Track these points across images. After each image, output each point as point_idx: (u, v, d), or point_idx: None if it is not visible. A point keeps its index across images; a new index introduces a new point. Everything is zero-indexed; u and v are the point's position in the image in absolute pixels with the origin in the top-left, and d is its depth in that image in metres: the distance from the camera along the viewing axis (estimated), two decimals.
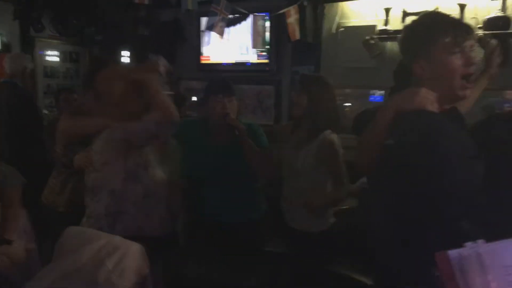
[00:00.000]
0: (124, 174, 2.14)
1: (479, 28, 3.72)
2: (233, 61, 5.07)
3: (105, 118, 2.17)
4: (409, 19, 3.96)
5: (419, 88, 1.39)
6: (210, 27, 4.08)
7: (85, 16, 5.65)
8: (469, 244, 0.73)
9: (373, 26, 4.19)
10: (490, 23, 3.64)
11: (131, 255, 1.93)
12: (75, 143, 2.56)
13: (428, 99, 1.34)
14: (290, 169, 2.68)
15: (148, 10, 5.42)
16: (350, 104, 4.56)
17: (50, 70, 5.75)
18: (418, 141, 1.23)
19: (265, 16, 4.68)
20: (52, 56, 5.78)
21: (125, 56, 5.83)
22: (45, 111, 5.20)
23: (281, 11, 4.15)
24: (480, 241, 0.75)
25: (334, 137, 2.61)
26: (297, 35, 4.25)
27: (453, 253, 0.72)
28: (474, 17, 3.75)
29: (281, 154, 2.79)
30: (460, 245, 0.74)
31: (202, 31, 5.16)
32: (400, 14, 4.02)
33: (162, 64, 3.97)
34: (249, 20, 4.75)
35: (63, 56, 5.86)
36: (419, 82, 1.44)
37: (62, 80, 5.84)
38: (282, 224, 2.78)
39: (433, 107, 1.34)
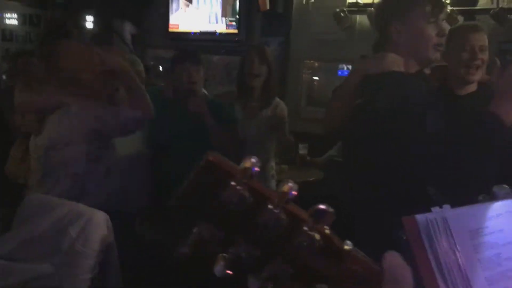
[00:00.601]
0: (86, 156, 2.11)
1: (446, 3, 3.77)
2: (202, 30, 4.97)
3: (63, 95, 2.11)
4: None
5: (386, 53, 1.46)
6: None
7: None
8: (435, 209, 0.74)
9: None
10: (458, 0, 3.69)
11: (95, 223, 1.90)
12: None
13: (395, 62, 1.41)
14: (241, 135, 2.76)
15: None
16: (317, 78, 4.57)
17: (9, 34, 5.48)
18: (386, 99, 1.26)
19: None
20: (11, 19, 5.50)
21: (88, 21, 5.62)
22: (3, 76, 4.98)
23: None
24: (445, 206, 0.76)
25: (284, 104, 2.91)
26: (267, 5, 4.19)
27: (420, 217, 0.73)
28: None
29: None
30: (426, 210, 0.75)
31: None
32: None
33: (128, 29, 3.86)
34: None
35: (22, 18, 5.59)
36: (392, 45, 1.49)
37: (22, 44, 5.58)
38: None
39: (399, 70, 1.39)
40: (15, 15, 5.53)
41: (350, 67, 4.34)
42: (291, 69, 4.53)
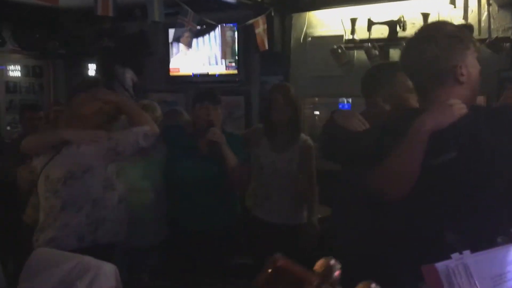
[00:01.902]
0: (104, 182, 2.26)
1: None
2: (202, 72, 5.04)
3: (66, 129, 2.33)
4: (374, 28, 4.05)
5: (448, 102, 1.39)
6: (177, 39, 4.05)
7: (47, 29, 5.52)
8: (455, 255, 0.73)
9: (340, 36, 4.24)
10: None
11: (103, 276, 1.87)
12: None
13: (462, 107, 1.37)
14: (272, 170, 2.91)
15: (113, 22, 5.33)
16: (318, 112, 4.59)
17: (13, 85, 5.57)
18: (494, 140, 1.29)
19: (233, 27, 4.68)
20: (15, 71, 5.60)
21: (91, 69, 5.71)
22: (8, 128, 5.03)
23: (249, 22, 4.15)
24: (466, 252, 0.74)
25: (311, 141, 3.01)
26: (265, 45, 4.26)
27: (440, 265, 0.71)
28: None
29: (257, 156, 2.98)
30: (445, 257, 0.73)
31: (170, 42, 5.10)
32: (366, 24, 4.08)
33: (129, 76, 3.95)
34: (217, 31, 4.74)
35: (25, 70, 5.70)
36: (456, 87, 1.45)
37: (25, 95, 5.66)
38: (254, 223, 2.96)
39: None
40: (18, 67, 5.63)
41: (350, 100, 4.37)
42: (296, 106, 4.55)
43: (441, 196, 1.19)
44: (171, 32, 4.89)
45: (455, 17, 3.72)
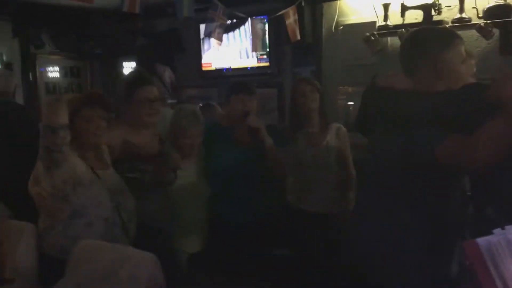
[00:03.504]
0: (52, 190, 2.13)
1: (480, 18, 3.70)
2: (235, 66, 5.06)
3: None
4: (408, 13, 3.96)
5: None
6: (208, 34, 4.07)
7: (82, 30, 5.67)
8: (497, 230, 0.71)
9: (373, 22, 4.17)
10: (490, 12, 3.62)
11: (144, 265, 1.92)
12: None
13: None
14: (311, 163, 2.92)
15: (145, 21, 5.42)
16: (353, 103, 4.53)
17: (52, 86, 5.75)
18: None
19: (264, 19, 4.67)
20: (54, 72, 5.78)
21: (127, 68, 5.83)
22: None
23: (279, 13, 4.14)
24: (508, 227, 0.72)
25: (344, 128, 3.06)
26: (297, 35, 4.23)
27: (482, 241, 0.69)
28: (474, 7, 3.73)
29: (294, 152, 2.97)
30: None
31: (202, 38, 5.15)
32: (399, 9, 4.00)
33: (168, 74, 4.01)
34: (248, 24, 4.74)
35: (64, 71, 5.87)
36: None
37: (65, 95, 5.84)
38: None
39: None
40: (57, 68, 5.81)
41: None
42: (326, 97, 4.52)
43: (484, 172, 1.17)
44: (202, 27, 4.94)
45: None
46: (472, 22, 3.71)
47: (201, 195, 2.73)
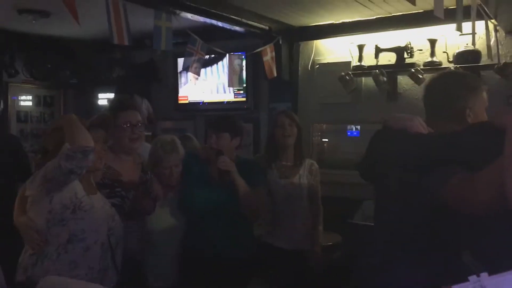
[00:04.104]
0: (48, 216, 2.05)
1: (450, 62, 3.84)
2: (211, 101, 5.08)
3: None
4: (382, 55, 4.08)
5: None
6: (186, 68, 4.08)
7: (58, 59, 5.62)
8: (473, 277, 0.70)
9: (348, 63, 4.28)
10: (460, 57, 3.76)
11: None
12: None
13: None
14: (283, 196, 2.96)
15: (123, 52, 5.42)
16: (327, 139, 4.59)
17: (24, 115, 5.64)
18: None
19: (241, 55, 4.73)
20: (26, 101, 5.69)
21: (102, 99, 5.78)
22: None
23: (257, 50, 4.20)
24: (483, 275, 0.72)
25: (317, 165, 3.15)
26: (274, 73, 4.29)
27: (457, 287, 0.68)
28: (444, 52, 3.87)
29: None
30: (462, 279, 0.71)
31: (179, 71, 5.17)
32: (373, 51, 4.11)
33: (145, 106, 3.98)
34: (226, 60, 4.79)
35: (36, 100, 5.78)
36: None
37: (36, 124, 5.73)
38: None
39: None
40: (29, 97, 5.72)
41: (358, 127, 4.36)
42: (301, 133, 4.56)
43: (459, 217, 1.17)
44: (180, 61, 4.96)
45: (461, 44, 3.75)
46: (442, 66, 3.84)
47: (176, 228, 2.68)
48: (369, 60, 4.16)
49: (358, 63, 4.17)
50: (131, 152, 2.58)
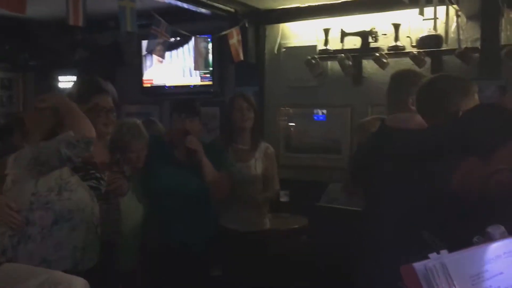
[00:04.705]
0: (32, 198, 2.00)
1: (413, 46, 3.90)
2: (177, 84, 5.01)
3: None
4: (347, 39, 4.11)
5: None
6: (150, 50, 4.01)
7: (18, 40, 5.41)
8: (433, 255, 0.72)
9: (314, 46, 4.29)
10: (424, 42, 3.82)
11: None
12: None
13: None
14: (237, 179, 2.94)
15: (86, 34, 5.26)
16: (294, 123, 4.61)
17: None
18: None
19: (207, 38, 4.67)
20: None
21: (63, 82, 5.61)
22: None
23: (223, 33, 4.16)
24: (443, 252, 0.74)
25: (272, 148, 3.17)
26: (240, 56, 4.26)
27: (418, 265, 0.70)
28: (408, 36, 3.93)
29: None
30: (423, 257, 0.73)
31: (144, 54, 5.06)
32: (339, 35, 4.14)
33: (110, 90, 3.88)
34: (191, 43, 4.72)
35: None
36: None
37: None
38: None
39: None
40: None
41: (324, 111, 4.41)
42: (267, 117, 4.57)
43: (421, 197, 1.20)
44: (145, 43, 4.86)
45: (424, 29, 3.82)
46: (406, 50, 3.91)
47: (142, 212, 2.66)
48: (334, 44, 4.18)
49: (324, 47, 4.19)
50: (104, 136, 2.53)
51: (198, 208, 2.72)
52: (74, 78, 5.35)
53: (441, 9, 3.51)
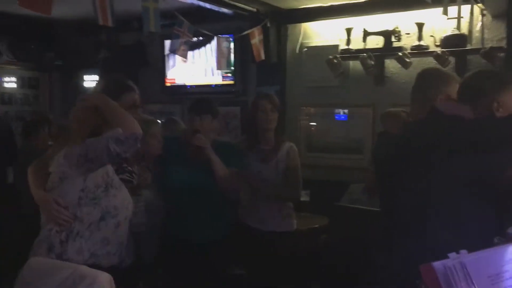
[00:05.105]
0: (81, 193, 2.04)
1: (437, 46, 3.85)
2: (199, 83, 5.05)
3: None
4: (370, 39, 4.08)
5: None
6: (173, 50, 4.05)
7: (43, 40, 5.54)
8: (452, 254, 0.72)
9: (336, 46, 4.27)
10: (448, 41, 3.77)
11: (98, 285, 1.85)
12: None
13: None
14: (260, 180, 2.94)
15: (109, 34, 5.35)
16: (315, 123, 4.60)
17: (8, 97, 5.56)
18: None
19: (229, 38, 4.70)
20: (10, 82, 5.60)
21: (88, 80, 5.72)
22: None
23: (245, 33, 4.18)
24: (463, 251, 0.74)
25: (295, 146, 3.11)
26: (261, 55, 4.28)
27: (438, 264, 0.70)
28: (432, 35, 3.88)
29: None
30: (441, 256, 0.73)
31: (166, 54, 5.12)
32: (361, 34, 4.11)
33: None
34: (214, 42, 4.76)
35: (21, 82, 5.70)
36: None
37: (21, 106, 5.66)
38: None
39: None
40: (14, 79, 5.64)
41: (346, 111, 4.39)
42: (289, 117, 4.57)
43: (441, 196, 1.19)
44: (167, 43, 4.92)
45: (448, 28, 3.77)
46: (429, 50, 3.86)
47: (159, 204, 2.71)
48: (357, 43, 4.16)
49: (346, 47, 4.17)
50: None
51: (212, 206, 2.74)
52: (98, 77, 5.46)
53: (466, 8, 3.46)
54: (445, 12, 3.02)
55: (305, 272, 3.25)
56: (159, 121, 2.90)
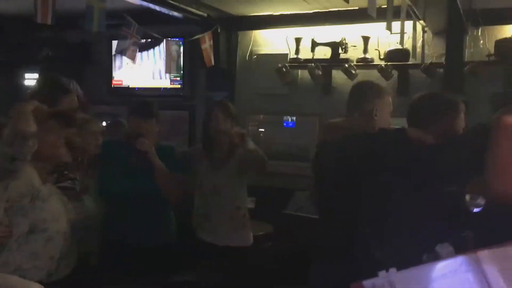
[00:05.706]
0: (6, 204, 1.96)
1: (381, 59, 3.99)
2: (147, 86, 4.96)
3: None
4: (318, 49, 4.17)
5: None
6: (121, 51, 3.96)
7: None
8: (382, 273, 0.74)
9: (285, 55, 4.33)
10: (391, 55, 3.91)
11: None
12: None
13: None
14: (210, 188, 2.87)
15: (53, 31, 5.15)
16: (263, 130, 4.63)
17: None
18: None
19: (179, 41, 4.66)
20: None
21: (29, 79, 5.47)
22: None
23: (195, 37, 4.15)
24: (392, 270, 0.76)
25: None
26: (211, 61, 4.26)
27: (367, 283, 0.72)
28: (377, 49, 4.01)
29: (197, 176, 2.96)
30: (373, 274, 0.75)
31: (114, 54, 5.00)
32: (310, 44, 4.19)
33: (74, 88, 3.80)
34: (163, 45, 4.69)
35: None
36: None
37: None
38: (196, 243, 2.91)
39: None
40: None
41: (294, 119, 4.45)
42: (237, 123, 4.56)
43: (369, 214, 1.22)
44: (115, 43, 4.80)
45: (392, 42, 3.91)
46: (374, 63, 3.99)
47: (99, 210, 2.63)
48: (305, 53, 4.23)
49: (295, 56, 4.24)
50: (69, 137, 2.49)
51: (154, 211, 2.71)
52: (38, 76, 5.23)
53: (409, 24, 3.60)
54: (389, 28, 3.12)
55: (251, 279, 3.24)
56: (99, 121, 2.86)
